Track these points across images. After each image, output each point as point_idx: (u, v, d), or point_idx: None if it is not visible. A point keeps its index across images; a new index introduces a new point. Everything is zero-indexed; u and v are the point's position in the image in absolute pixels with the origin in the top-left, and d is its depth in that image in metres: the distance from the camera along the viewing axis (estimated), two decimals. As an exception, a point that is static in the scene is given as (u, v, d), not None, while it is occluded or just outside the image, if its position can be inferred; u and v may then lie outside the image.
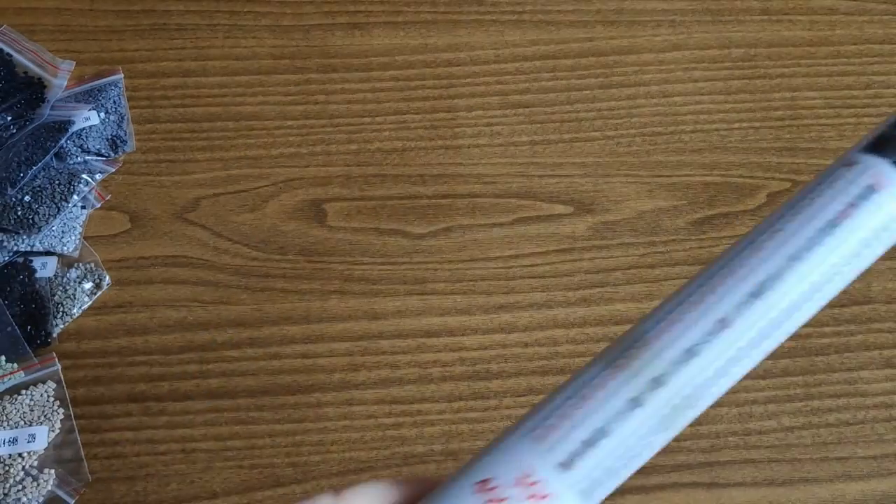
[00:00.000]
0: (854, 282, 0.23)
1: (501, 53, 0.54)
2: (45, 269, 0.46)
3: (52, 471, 0.41)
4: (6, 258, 0.46)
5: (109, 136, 0.50)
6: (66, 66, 0.52)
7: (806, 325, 0.53)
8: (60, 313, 0.45)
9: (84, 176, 0.48)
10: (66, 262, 0.47)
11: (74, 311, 0.45)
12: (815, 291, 0.20)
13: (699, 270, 0.21)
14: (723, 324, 0.19)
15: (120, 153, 0.50)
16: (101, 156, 0.50)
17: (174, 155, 0.50)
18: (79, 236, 0.47)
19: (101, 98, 0.50)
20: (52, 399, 0.42)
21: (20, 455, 0.41)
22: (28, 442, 0.41)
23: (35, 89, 0.50)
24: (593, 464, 0.19)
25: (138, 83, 0.52)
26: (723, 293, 0.19)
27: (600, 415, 0.19)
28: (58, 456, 0.41)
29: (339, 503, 0.20)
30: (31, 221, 0.46)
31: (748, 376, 0.50)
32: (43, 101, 0.50)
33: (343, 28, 0.55)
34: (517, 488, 0.18)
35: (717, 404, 0.46)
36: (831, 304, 0.47)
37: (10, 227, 0.46)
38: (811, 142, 0.52)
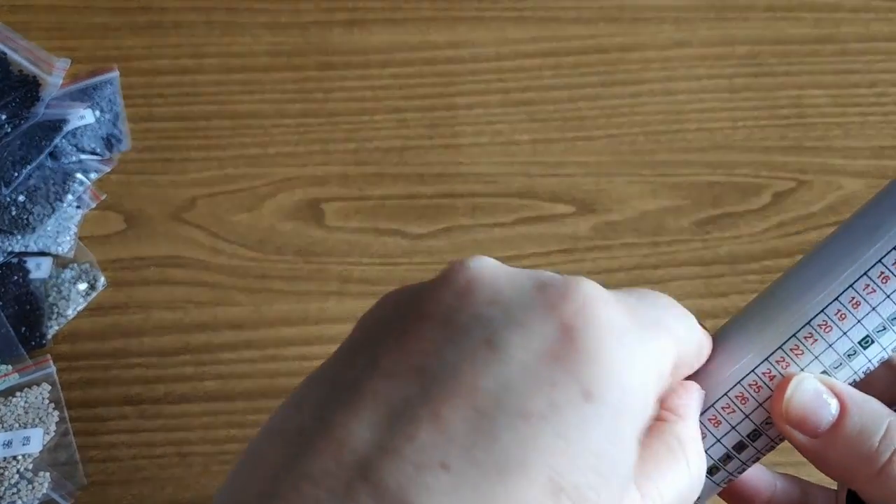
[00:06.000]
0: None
1: (502, 51, 0.54)
2: (40, 269, 0.46)
3: (47, 474, 0.40)
4: (0, 259, 0.45)
5: (105, 135, 0.50)
6: (61, 64, 0.51)
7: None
8: (55, 314, 0.44)
9: (79, 175, 0.47)
10: (61, 263, 0.46)
11: (69, 312, 0.45)
12: None
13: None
14: None
15: (115, 152, 0.50)
16: (97, 155, 0.49)
17: (170, 154, 0.50)
18: (73, 236, 0.47)
19: (96, 96, 0.50)
20: (46, 401, 0.42)
21: (14, 458, 0.40)
22: (22, 444, 0.41)
23: (30, 88, 0.50)
24: None
25: (134, 81, 0.52)
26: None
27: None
28: (53, 459, 0.41)
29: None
30: (25, 221, 0.45)
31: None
32: (38, 100, 0.50)
33: (341, 25, 0.54)
34: None
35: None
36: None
37: (5, 228, 0.45)
38: (817, 140, 0.51)
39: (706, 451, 0.22)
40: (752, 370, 0.22)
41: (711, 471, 0.22)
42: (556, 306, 0.17)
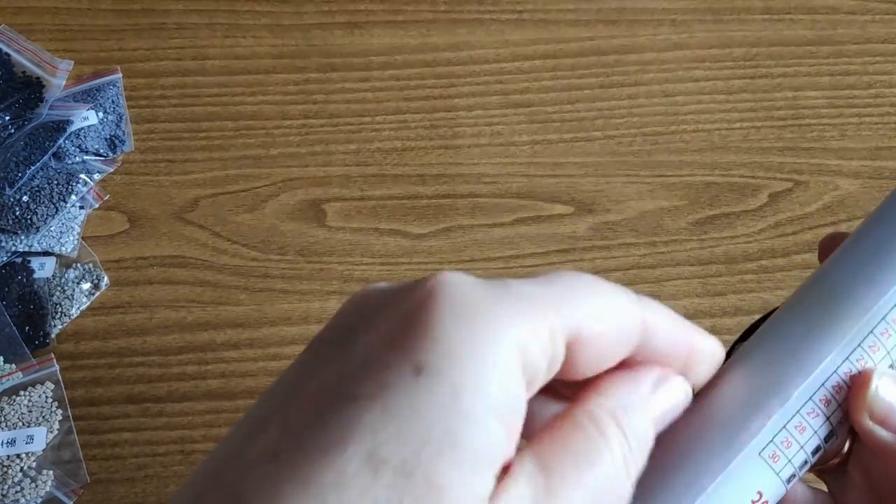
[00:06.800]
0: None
1: (502, 53, 0.54)
2: (44, 269, 0.46)
3: (51, 472, 0.41)
4: (4, 258, 0.45)
5: (108, 136, 0.50)
6: (65, 66, 0.52)
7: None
8: (59, 314, 0.45)
9: (82, 176, 0.48)
10: (65, 263, 0.46)
11: (73, 311, 0.45)
12: None
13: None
14: None
15: (118, 153, 0.50)
16: (100, 156, 0.50)
17: (173, 155, 0.50)
18: (77, 236, 0.47)
19: (99, 98, 0.50)
20: (50, 400, 0.42)
21: (18, 456, 0.41)
22: (26, 443, 0.41)
23: (33, 89, 0.50)
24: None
25: (137, 83, 0.52)
26: None
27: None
28: (56, 457, 0.41)
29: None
30: (29, 221, 0.46)
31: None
32: (41, 101, 0.50)
33: (343, 27, 0.55)
34: None
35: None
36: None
37: (9, 228, 0.46)
38: (813, 141, 0.52)
39: (789, 460, 0.20)
40: (835, 371, 0.21)
41: (791, 479, 0.21)
42: (406, 298, 0.16)
